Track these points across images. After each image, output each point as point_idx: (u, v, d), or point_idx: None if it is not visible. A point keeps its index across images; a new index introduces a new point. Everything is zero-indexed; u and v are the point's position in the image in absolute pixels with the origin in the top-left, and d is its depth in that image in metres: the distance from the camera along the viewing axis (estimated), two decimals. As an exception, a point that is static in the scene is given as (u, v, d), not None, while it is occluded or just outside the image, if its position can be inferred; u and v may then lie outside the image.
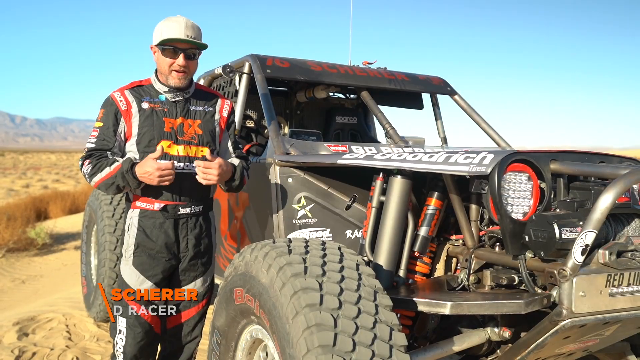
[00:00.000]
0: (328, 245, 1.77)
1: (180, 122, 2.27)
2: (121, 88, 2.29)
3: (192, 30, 2.20)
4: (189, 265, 2.32)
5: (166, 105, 2.27)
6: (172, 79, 2.24)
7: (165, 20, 2.22)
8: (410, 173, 2.09)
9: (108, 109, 2.24)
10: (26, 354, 3.50)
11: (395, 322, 1.54)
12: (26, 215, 9.64)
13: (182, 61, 2.20)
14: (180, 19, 2.19)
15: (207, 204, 2.38)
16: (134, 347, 2.28)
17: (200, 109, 2.33)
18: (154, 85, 2.30)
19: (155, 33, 2.22)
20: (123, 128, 2.24)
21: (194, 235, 2.31)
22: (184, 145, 2.26)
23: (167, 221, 2.26)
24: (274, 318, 1.58)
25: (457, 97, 3.53)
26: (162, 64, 2.23)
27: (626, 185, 1.63)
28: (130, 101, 2.24)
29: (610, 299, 1.69)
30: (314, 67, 3.12)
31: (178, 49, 2.19)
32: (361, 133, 4.07)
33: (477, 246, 2.06)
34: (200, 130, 2.30)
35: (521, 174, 1.89)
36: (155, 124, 2.23)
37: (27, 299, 5.90)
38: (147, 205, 2.26)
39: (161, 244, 2.25)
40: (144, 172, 2.12)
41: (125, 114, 2.23)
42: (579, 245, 1.62)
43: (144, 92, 2.28)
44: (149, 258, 2.26)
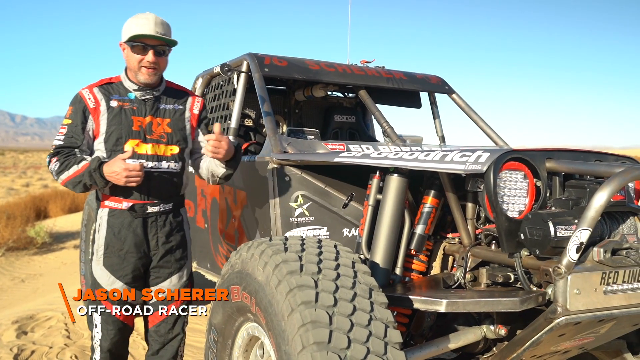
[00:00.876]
0: (324, 243, 1.77)
1: (149, 121, 2.27)
2: (90, 85, 2.28)
3: (161, 26, 2.20)
4: (162, 262, 2.33)
5: (135, 104, 2.27)
6: (142, 75, 2.23)
7: (134, 17, 2.22)
8: (406, 171, 2.09)
9: (77, 106, 2.24)
10: (25, 352, 3.50)
11: (390, 319, 1.55)
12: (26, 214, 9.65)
13: (151, 57, 2.20)
14: (149, 16, 2.20)
15: (176, 202, 2.38)
16: (109, 341, 2.32)
17: (170, 107, 2.33)
18: (123, 83, 2.29)
19: (124, 30, 2.22)
20: (91, 126, 2.24)
21: (164, 233, 2.32)
22: (152, 144, 2.26)
23: (135, 220, 2.26)
24: (269, 315, 1.59)
25: (455, 95, 3.54)
26: (132, 61, 2.22)
27: (620, 184, 1.64)
28: (99, 99, 2.24)
29: (605, 297, 1.70)
30: (312, 66, 3.13)
31: (148, 45, 2.20)
32: (360, 132, 4.08)
33: (474, 244, 2.06)
34: (169, 128, 2.30)
35: (517, 172, 1.90)
36: (124, 123, 2.23)
37: (26, 298, 5.91)
38: (115, 204, 2.26)
39: (130, 243, 2.26)
40: (111, 171, 2.12)
41: (94, 111, 2.23)
42: (574, 243, 1.62)
43: (113, 89, 2.28)
44: (119, 258, 2.27)
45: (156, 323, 2.38)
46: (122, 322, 2.32)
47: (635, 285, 1.74)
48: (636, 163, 2.03)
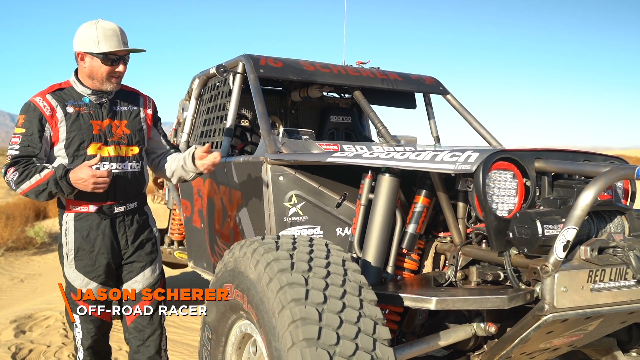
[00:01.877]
0: (315, 241, 1.80)
1: (107, 124, 2.30)
2: (41, 93, 2.26)
3: (125, 36, 2.27)
4: (133, 257, 2.39)
5: (91, 108, 2.28)
6: (111, 84, 2.27)
7: (98, 29, 2.21)
8: (398, 171, 2.12)
9: (31, 115, 2.20)
10: (23, 351, 3.53)
11: (379, 316, 1.58)
12: (25, 214, 9.68)
13: (122, 68, 2.27)
14: (114, 28, 2.23)
15: (140, 200, 2.44)
16: (90, 340, 2.37)
17: (125, 109, 2.38)
18: (75, 88, 2.29)
19: (86, 39, 2.21)
20: (49, 133, 2.22)
21: (132, 232, 2.38)
22: (114, 145, 2.30)
23: (103, 221, 2.30)
24: (261, 313, 1.62)
25: (450, 96, 3.56)
26: (99, 71, 2.23)
27: (606, 183, 1.66)
28: (54, 106, 2.22)
29: (592, 294, 1.72)
30: (307, 67, 3.15)
31: (119, 58, 2.25)
32: (356, 132, 4.10)
33: (464, 243, 2.09)
34: (127, 130, 2.35)
35: (506, 172, 1.92)
36: (83, 127, 2.24)
37: (25, 298, 5.93)
38: (81, 208, 2.29)
39: (100, 244, 2.30)
40: (78, 178, 2.12)
41: (50, 119, 2.21)
42: (561, 242, 1.65)
43: (65, 95, 2.27)
44: (90, 260, 2.30)
45: (132, 320, 2.42)
46: (100, 320, 2.37)
47: (622, 283, 1.77)
48: (624, 163, 2.06)
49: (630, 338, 2.40)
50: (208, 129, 3.49)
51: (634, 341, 2.39)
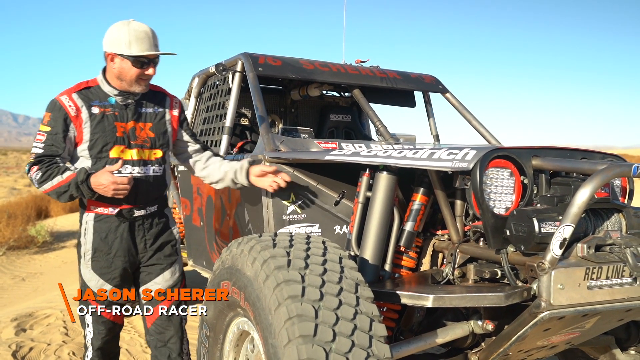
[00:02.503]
0: (313, 239, 1.81)
1: (132, 126, 2.28)
2: (67, 91, 2.24)
3: (156, 39, 2.24)
4: (152, 260, 2.37)
5: (117, 109, 2.26)
6: (139, 87, 2.25)
7: (130, 30, 2.17)
8: (395, 169, 2.12)
9: (56, 114, 2.19)
10: (23, 349, 3.54)
11: (375, 313, 1.58)
12: (27, 213, 9.70)
13: (152, 71, 2.24)
14: (146, 30, 2.20)
15: (161, 203, 2.42)
16: (100, 340, 2.36)
17: (151, 110, 2.35)
18: (101, 87, 2.26)
19: (118, 41, 2.17)
20: (73, 134, 2.21)
21: (152, 235, 2.36)
22: (137, 149, 2.28)
23: (122, 224, 2.29)
24: (257, 310, 1.62)
25: (449, 95, 3.57)
26: (129, 73, 2.21)
27: (603, 180, 1.66)
28: (80, 106, 2.20)
29: (589, 292, 1.72)
30: (306, 65, 3.16)
31: (150, 60, 2.22)
32: (355, 131, 4.11)
33: (462, 241, 2.09)
34: (152, 133, 2.32)
35: (503, 169, 1.92)
36: (107, 130, 2.23)
37: (26, 296, 5.95)
38: (102, 209, 2.27)
39: (117, 247, 2.29)
40: (99, 184, 2.13)
41: (75, 119, 2.19)
42: (557, 239, 1.65)
43: (92, 94, 2.25)
44: (107, 262, 2.29)
45: (153, 321, 2.40)
46: (111, 322, 2.37)
47: (619, 281, 1.77)
48: (622, 161, 2.06)
49: (628, 336, 2.40)
50: (207, 127, 3.50)
51: (632, 339, 2.39)
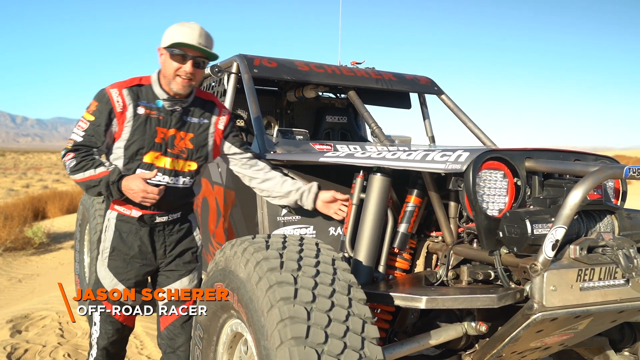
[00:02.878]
0: (306, 241, 1.81)
1: (172, 134, 2.23)
2: (119, 85, 2.20)
3: (204, 38, 2.14)
4: (172, 266, 2.35)
5: (162, 113, 2.22)
6: (176, 84, 2.17)
7: (179, 25, 2.15)
8: (389, 171, 2.13)
9: (103, 106, 2.17)
10: (18, 351, 3.54)
11: (368, 315, 1.58)
12: (24, 214, 9.69)
13: (189, 68, 2.14)
14: (194, 26, 2.14)
15: (185, 210, 2.39)
16: (106, 340, 2.34)
17: (196, 121, 2.30)
18: (153, 87, 2.23)
19: (166, 36, 2.16)
20: (114, 129, 2.20)
21: (172, 242, 2.34)
22: (172, 158, 2.24)
23: (142, 228, 2.27)
24: (250, 311, 1.62)
25: (444, 96, 3.57)
26: (168, 68, 2.17)
27: (595, 182, 1.67)
28: (127, 103, 2.17)
29: (581, 293, 1.73)
30: (302, 67, 3.16)
31: (187, 55, 2.14)
32: (351, 132, 4.11)
33: (456, 242, 2.10)
34: (191, 144, 2.28)
35: (496, 171, 1.93)
36: (147, 133, 2.19)
37: (23, 298, 5.94)
38: (125, 210, 2.26)
39: (136, 250, 2.27)
40: (129, 188, 2.11)
41: (120, 116, 2.17)
42: (550, 241, 1.66)
43: (141, 93, 2.21)
44: (123, 262, 2.28)
45: (167, 325, 2.38)
46: (120, 323, 2.33)
47: (611, 282, 1.78)
48: (615, 163, 2.07)
49: (622, 337, 2.41)
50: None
51: (626, 340, 2.40)
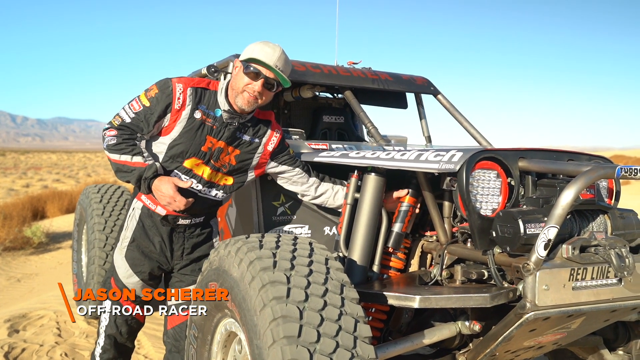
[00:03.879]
0: (299, 240, 1.81)
1: (220, 146, 2.21)
2: (186, 81, 2.18)
3: (282, 62, 2.12)
4: (187, 270, 2.34)
5: (217, 123, 2.19)
6: (242, 99, 2.14)
7: (263, 43, 2.14)
8: (383, 170, 2.14)
9: (162, 96, 2.13)
10: (15, 350, 3.54)
11: (360, 314, 1.59)
12: (23, 214, 9.68)
13: (259, 87, 2.11)
14: (277, 48, 2.13)
15: (209, 215, 2.38)
16: (114, 330, 2.35)
17: (247, 139, 2.27)
18: (217, 95, 2.21)
19: (247, 50, 2.15)
20: (165, 123, 2.16)
21: (190, 244, 2.33)
22: (212, 170, 2.22)
23: (164, 227, 2.27)
24: (243, 311, 1.63)
25: (440, 96, 3.57)
26: (239, 82, 2.14)
27: (587, 182, 1.68)
28: (187, 103, 2.15)
29: (574, 293, 1.74)
30: (298, 67, 3.16)
31: (261, 73, 2.11)
32: (348, 132, 4.10)
33: (450, 242, 2.11)
34: (234, 161, 2.26)
35: (490, 171, 1.94)
36: (196, 140, 2.17)
37: (22, 297, 5.94)
38: (151, 204, 2.25)
39: (156, 245, 2.28)
40: (159, 189, 2.08)
41: (175, 112, 2.14)
42: (542, 240, 1.67)
43: (204, 97, 2.19)
44: (141, 255, 2.28)
45: (174, 325, 2.38)
46: (131, 316, 2.35)
47: (604, 282, 1.79)
48: (608, 162, 2.07)
49: (616, 336, 2.42)
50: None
51: (620, 339, 2.41)
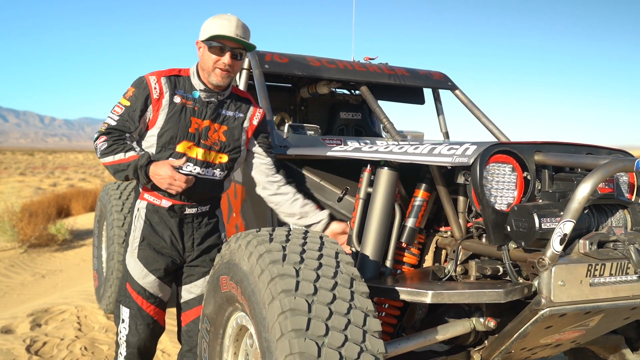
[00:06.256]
0: (310, 234, 1.80)
1: (206, 125, 2.25)
2: (158, 73, 2.23)
3: (242, 29, 2.16)
4: (197, 262, 2.35)
5: (197, 104, 2.24)
6: (215, 76, 2.19)
7: (216, 17, 2.18)
8: (396, 165, 2.11)
9: (140, 91, 2.19)
10: (37, 344, 3.61)
11: (370, 308, 1.57)
12: (48, 211, 9.86)
13: (227, 59, 2.16)
14: (231, 17, 2.16)
15: (214, 203, 2.39)
16: (137, 337, 2.31)
17: (231, 114, 2.31)
18: (191, 79, 2.26)
19: (204, 28, 2.19)
20: (149, 116, 2.21)
21: (200, 235, 2.33)
22: (204, 149, 2.25)
23: (172, 219, 2.28)
24: (252, 304, 1.63)
25: (458, 91, 3.53)
26: (207, 61, 2.19)
27: (604, 175, 1.63)
28: (164, 91, 2.20)
29: (591, 289, 1.69)
30: (313, 62, 3.16)
31: (225, 47, 2.16)
32: (365, 129, 4.09)
33: (464, 237, 2.07)
34: (224, 137, 2.29)
35: (505, 165, 1.90)
36: (181, 123, 2.21)
37: (45, 293, 6.05)
38: (155, 199, 2.26)
39: (167, 239, 2.28)
40: (157, 174, 2.12)
41: (156, 102, 2.19)
42: (558, 235, 1.63)
43: (179, 83, 2.24)
44: (153, 252, 2.28)
45: (187, 323, 2.38)
46: (152, 318, 2.32)
47: (623, 278, 1.74)
48: (629, 156, 2.01)
49: (638, 335, 2.36)
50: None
51: (642, 339, 2.34)
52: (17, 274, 7.02)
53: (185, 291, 2.37)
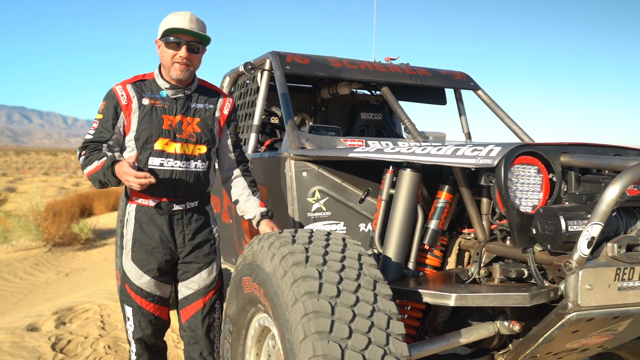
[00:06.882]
0: (332, 236, 1.80)
1: (179, 120, 2.29)
2: (123, 82, 2.31)
3: (196, 23, 2.22)
4: (190, 258, 2.37)
5: (166, 102, 2.29)
6: (175, 71, 2.24)
7: (171, 14, 2.25)
8: (419, 166, 2.10)
9: (109, 102, 2.27)
10: (62, 342, 3.67)
11: (393, 311, 1.56)
12: (71, 211, 10.03)
13: (184, 53, 2.21)
14: (185, 13, 2.23)
15: (202, 199, 2.42)
16: (141, 333, 2.37)
17: (201, 106, 2.36)
18: (156, 80, 2.32)
19: (160, 27, 2.25)
20: (122, 122, 2.27)
21: (191, 231, 2.36)
22: (181, 143, 2.29)
23: (160, 217, 2.31)
24: (275, 305, 1.63)
25: (481, 92, 3.49)
26: (165, 57, 2.24)
27: (633, 177, 1.59)
28: (132, 96, 2.26)
29: (620, 293, 1.66)
30: (334, 63, 3.15)
31: (181, 40, 2.21)
32: (386, 130, 4.07)
33: (488, 240, 2.04)
34: (198, 128, 2.33)
35: (530, 166, 1.87)
36: (154, 121, 2.26)
37: (69, 291, 6.16)
38: (142, 201, 2.31)
39: (157, 239, 2.31)
40: (120, 171, 2.13)
41: (125, 108, 2.25)
42: (585, 238, 1.59)
43: (145, 87, 2.30)
44: (146, 253, 2.31)
45: (188, 318, 2.41)
46: (153, 315, 2.36)
47: (653, 282, 1.70)
48: (659, 157, 1.97)
49: (668, 341, 2.30)
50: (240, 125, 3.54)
51: (672, 344, 2.28)
52: (42, 272, 7.16)
53: (183, 287, 2.40)
